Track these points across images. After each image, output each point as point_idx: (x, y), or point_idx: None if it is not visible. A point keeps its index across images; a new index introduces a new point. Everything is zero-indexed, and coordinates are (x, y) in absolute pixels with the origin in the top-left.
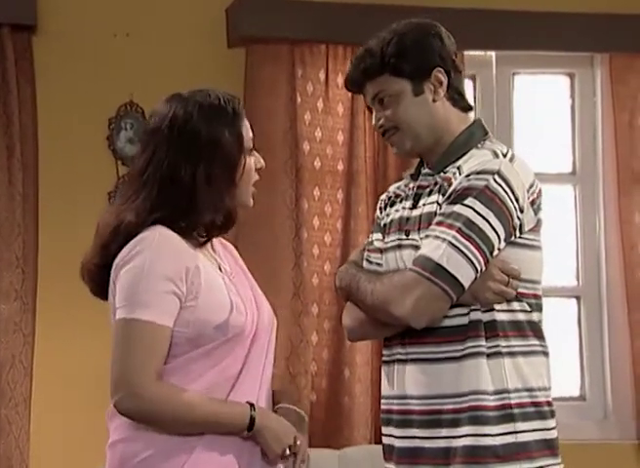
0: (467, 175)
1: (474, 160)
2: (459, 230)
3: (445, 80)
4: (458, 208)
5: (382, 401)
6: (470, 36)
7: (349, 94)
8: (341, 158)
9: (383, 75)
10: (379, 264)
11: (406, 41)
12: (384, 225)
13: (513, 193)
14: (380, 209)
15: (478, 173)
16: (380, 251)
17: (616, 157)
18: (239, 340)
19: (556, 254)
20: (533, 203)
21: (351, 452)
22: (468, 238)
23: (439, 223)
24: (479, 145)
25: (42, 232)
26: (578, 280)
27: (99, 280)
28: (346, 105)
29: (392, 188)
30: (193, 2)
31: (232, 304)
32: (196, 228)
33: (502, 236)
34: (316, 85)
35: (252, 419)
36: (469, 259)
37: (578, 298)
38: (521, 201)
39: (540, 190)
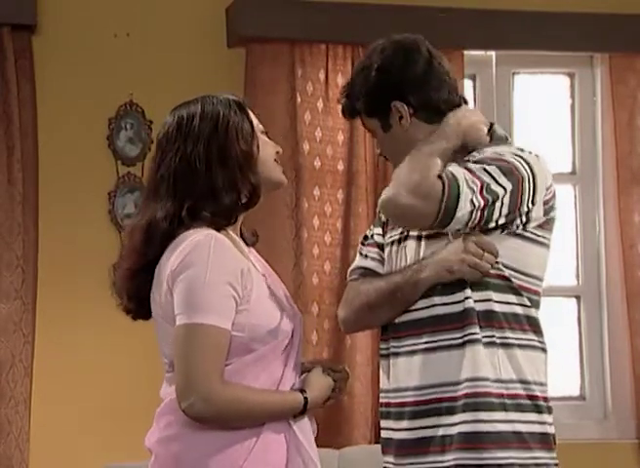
0: (486, 154)
1: (495, 147)
2: (466, 168)
3: (405, 110)
4: (471, 164)
5: (381, 394)
6: (470, 36)
7: None
8: (341, 158)
9: (360, 115)
10: (373, 258)
11: (369, 79)
12: (387, 221)
13: (534, 180)
14: None
15: (500, 153)
16: (378, 245)
17: (615, 157)
18: (284, 344)
19: (556, 254)
20: (546, 202)
21: (351, 452)
22: (478, 178)
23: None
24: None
25: (42, 232)
26: (578, 279)
27: (135, 286)
28: None
29: None
30: (193, 2)
31: (282, 308)
32: (220, 214)
33: (507, 201)
34: (316, 85)
35: (305, 402)
36: (472, 189)
37: (578, 298)
38: (538, 195)
39: (554, 193)
